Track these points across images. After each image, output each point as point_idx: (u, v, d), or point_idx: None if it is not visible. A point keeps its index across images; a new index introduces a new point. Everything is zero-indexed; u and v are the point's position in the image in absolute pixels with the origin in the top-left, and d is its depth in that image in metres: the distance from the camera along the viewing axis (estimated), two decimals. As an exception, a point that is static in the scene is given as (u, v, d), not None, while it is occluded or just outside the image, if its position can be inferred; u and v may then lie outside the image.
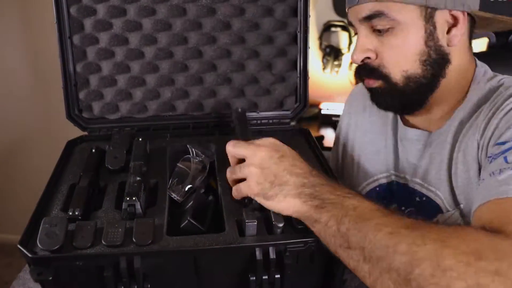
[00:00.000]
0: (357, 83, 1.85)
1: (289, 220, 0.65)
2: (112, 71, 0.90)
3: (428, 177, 0.75)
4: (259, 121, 0.97)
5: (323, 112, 1.87)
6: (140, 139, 0.84)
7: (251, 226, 0.63)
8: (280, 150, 0.65)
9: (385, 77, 0.71)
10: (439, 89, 0.72)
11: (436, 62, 0.69)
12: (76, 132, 0.92)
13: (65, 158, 0.83)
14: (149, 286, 0.61)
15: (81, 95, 0.90)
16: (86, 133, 0.92)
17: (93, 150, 0.84)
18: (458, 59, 0.72)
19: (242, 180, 0.66)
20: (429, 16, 0.67)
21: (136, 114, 0.93)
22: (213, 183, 0.83)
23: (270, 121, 0.98)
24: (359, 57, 0.72)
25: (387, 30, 0.68)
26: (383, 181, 0.84)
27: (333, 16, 1.86)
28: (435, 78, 0.71)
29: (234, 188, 0.68)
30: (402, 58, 0.69)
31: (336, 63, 1.85)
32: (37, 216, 0.66)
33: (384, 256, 0.49)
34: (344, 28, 1.84)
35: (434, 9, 0.67)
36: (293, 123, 0.99)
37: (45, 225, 0.62)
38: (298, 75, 0.96)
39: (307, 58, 0.95)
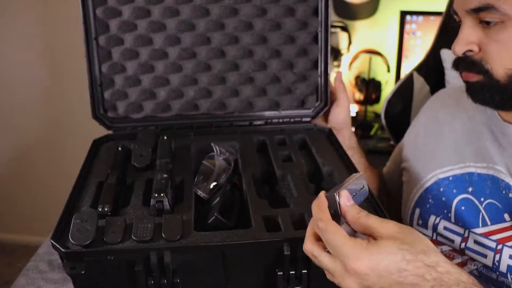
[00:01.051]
0: (356, 83, 1.85)
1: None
2: (137, 71, 0.92)
3: None
4: (280, 120, 0.98)
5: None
6: (165, 138, 0.85)
7: None
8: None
9: (486, 72, 0.67)
10: None
11: None
12: (94, 133, 0.93)
13: (92, 156, 0.85)
14: (178, 280, 0.62)
15: (106, 95, 0.92)
16: (111, 132, 0.94)
17: (119, 148, 0.86)
18: None
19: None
20: None
21: (160, 114, 0.95)
22: (237, 181, 0.84)
23: (292, 119, 0.98)
24: (461, 49, 0.68)
25: (496, 23, 0.64)
26: (457, 172, 0.79)
27: (332, 17, 1.85)
28: None
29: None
30: (508, 55, 0.65)
31: (335, 63, 1.84)
32: (67, 212, 0.68)
33: None
34: (344, 28, 1.84)
35: None
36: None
37: (76, 220, 0.63)
38: (319, 74, 0.97)
39: (328, 58, 0.96)
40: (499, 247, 0.71)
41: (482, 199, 0.75)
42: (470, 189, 0.77)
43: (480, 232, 0.73)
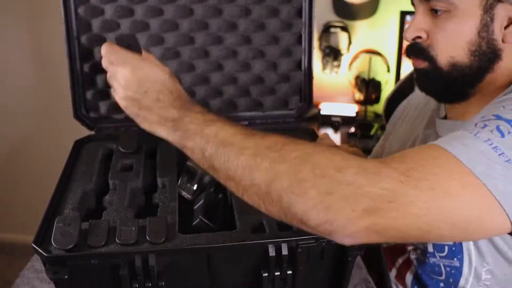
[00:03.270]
0: (356, 83, 1.88)
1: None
2: (119, 71, 0.91)
3: None
4: (264, 121, 0.98)
5: (322, 112, 1.88)
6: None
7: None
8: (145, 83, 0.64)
9: (431, 59, 0.70)
10: (482, 83, 0.70)
11: (486, 55, 0.67)
12: (79, 132, 0.92)
13: (73, 157, 0.84)
14: (163, 283, 0.61)
15: (88, 94, 0.91)
16: (93, 132, 0.92)
17: (102, 150, 0.85)
18: (509, 57, 0.68)
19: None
20: (489, 6, 0.65)
21: (143, 114, 0.94)
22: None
23: (275, 120, 0.99)
24: (412, 35, 0.71)
25: (444, 12, 0.67)
26: None
27: (332, 17, 1.87)
28: (480, 71, 0.69)
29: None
30: (451, 44, 0.68)
31: (335, 63, 1.86)
32: (49, 215, 0.67)
33: (247, 174, 0.54)
34: (344, 28, 1.85)
35: (497, 1, 0.65)
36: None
37: (59, 224, 0.62)
38: (303, 75, 0.97)
39: (312, 58, 0.97)
40: None
41: None
42: None
43: None
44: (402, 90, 1.29)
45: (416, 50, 0.72)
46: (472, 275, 0.73)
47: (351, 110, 1.89)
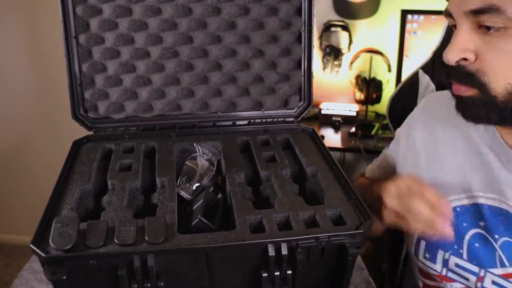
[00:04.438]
0: (356, 82, 1.87)
1: (297, 215, 0.66)
2: (118, 70, 0.90)
3: None
4: (263, 120, 0.98)
5: (323, 112, 1.88)
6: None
7: None
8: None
9: (482, 86, 0.58)
10: None
11: None
12: (78, 132, 0.92)
13: (72, 157, 0.83)
14: (162, 284, 0.61)
15: (87, 94, 0.90)
16: (91, 132, 0.92)
17: (100, 150, 0.84)
18: None
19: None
20: None
21: (142, 114, 0.93)
22: (220, 182, 0.84)
23: (275, 119, 0.98)
24: (455, 57, 0.59)
25: (498, 29, 0.55)
26: (465, 202, 0.71)
27: (333, 16, 1.86)
28: None
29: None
30: (510, 68, 0.56)
31: (336, 63, 1.85)
32: (47, 216, 0.66)
33: None
34: (344, 28, 1.85)
35: None
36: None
37: (57, 224, 0.62)
38: (303, 74, 0.97)
39: (311, 57, 0.96)
40: None
41: (496, 236, 0.68)
42: (482, 224, 0.69)
43: (498, 273, 0.68)
44: (406, 90, 1.28)
45: (461, 74, 0.60)
46: None
47: (351, 109, 1.89)
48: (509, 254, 0.67)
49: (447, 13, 0.62)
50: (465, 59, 0.59)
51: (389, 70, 1.87)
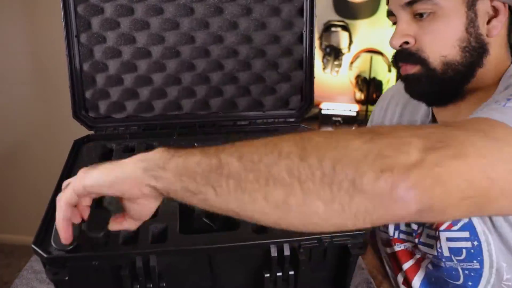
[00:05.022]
0: (357, 82, 1.87)
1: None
2: (119, 70, 0.90)
3: None
4: (264, 120, 0.98)
5: (323, 112, 1.88)
6: None
7: None
8: None
9: (423, 62, 0.69)
10: (474, 79, 0.70)
11: (475, 50, 0.68)
12: (79, 132, 0.91)
13: (73, 157, 0.83)
14: (164, 284, 0.61)
15: (88, 94, 0.90)
16: (92, 132, 0.92)
17: (101, 150, 0.84)
18: (496, 51, 0.70)
19: None
20: (471, 3, 0.67)
21: (143, 113, 0.93)
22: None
23: (276, 120, 0.98)
24: (398, 42, 0.70)
25: (429, 14, 0.67)
26: None
27: (333, 16, 1.87)
28: (472, 67, 0.69)
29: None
30: (442, 43, 0.68)
31: (336, 63, 1.86)
32: (49, 215, 0.66)
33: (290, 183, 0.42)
34: (344, 28, 1.85)
35: None
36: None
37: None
38: (304, 74, 0.97)
39: (313, 58, 0.96)
40: (437, 233, 0.74)
41: None
42: None
43: (428, 225, 0.76)
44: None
45: (405, 55, 0.71)
46: (493, 276, 0.72)
47: (352, 109, 1.89)
48: None
49: (388, 13, 0.73)
50: (407, 42, 0.70)
51: (389, 70, 1.87)
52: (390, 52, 1.97)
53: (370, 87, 1.84)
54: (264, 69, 0.95)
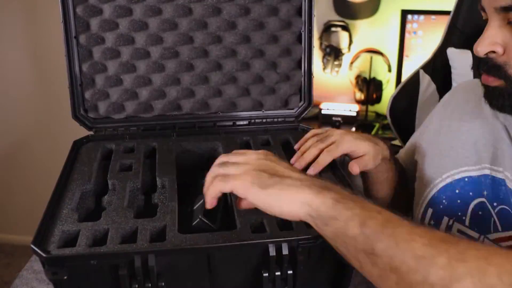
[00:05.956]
0: (357, 82, 1.87)
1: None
2: (118, 70, 0.91)
3: None
4: (264, 120, 0.98)
5: (323, 112, 1.88)
6: None
7: None
8: (268, 156, 0.61)
9: (508, 78, 0.63)
10: None
11: None
12: (79, 132, 0.92)
13: (72, 158, 0.83)
14: (163, 284, 0.61)
15: (87, 95, 0.90)
16: (92, 132, 0.92)
17: (101, 150, 0.84)
18: None
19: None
20: None
21: (142, 114, 0.93)
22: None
23: (275, 119, 0.98)
24: (484, 49, 0.63)
25: None
26: (474, 173, 0.75)
27: (333, 16, 1.87)
28: None
29: (214, 182, 0.58)
30: None
31: (336, 63, 1.86)
32: (48, 216, 0.66)
33: (418, 268, 0.45)
34: (344, 28, 1.85)
35: None
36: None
37: (58, 224, 0.62)
38: (303, 74, 0.97)
39: (312, 57, 0.96)
40: None
41: (495, 204, 0.71)
42: (485, 193, 0.73)
43: (492, 238, 0.71)
44: (407, 90, 1.29)
45: (490, 66, 0.64)
46: None
47: (352, 109, 1.89)
48: (502, 220, 0.70)
49: (481, 8, 0.65)
50: (494, 52, 0.63)
51: (389, 70, 1.87)
52: (390, 52, 1.98)
53: (370, 87, 1.84)
54: (263, 69, 0.95)
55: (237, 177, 0.56)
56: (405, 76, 1.27)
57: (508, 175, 0.70)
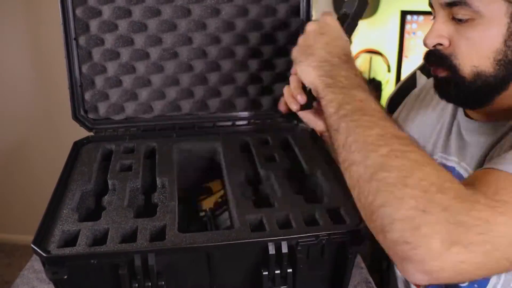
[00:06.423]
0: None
1: (297, 214, 0.67)
2: (118, 71, 0.91)
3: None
4: (262, 120, 0.98)
5: (322, 112, 1.88)
6: None
7: None
8: (324, 27, 0.73)
9: (453, 68, 0.67)
10: (506, 92, 0.67)
11: (511, 64, 0.64)
12: (79, 133, 0.92)
13: (72, 158, 0.84)
14: (162, 283, 0.61)
15: (87, 96, 0.91)
16: (92, 133, 0.92)
17: (101, 151, 0.85)
18: None
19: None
20: None
21: (142, 115, 0.94)
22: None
23: (274, 119, 0.98)
24: (432, 42, 0.68)
25: (467, 20, 0.63)
26: None
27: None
28: (505, 80, 0.66)
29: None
30: (476, 53, 0.65)
31: (335, 63, 1.86)
32: (48, 215, 0.66)
33: (362, 149, 0.53)
34: (344, 28, 1.85)
35: None
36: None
37: (58, 224, 0.62)
38: (301, 74, 0.97)
39: (309, 58, 0.96)
40: None
41: None
42: None
43: None
44: (405, 89, 1.28)
45: (437, 57, 0.69)
46: (501, 282, 0.69)
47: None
48: None
49: (429, 5, 0.71)
50: (441, 44, 0.68)
51: (389, 71, 1.87)
52: (389, 53, 1.98)
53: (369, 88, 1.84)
54: (261, 69, 0.96)
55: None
56: (404, 77, 1.27)
57: (455, 159, 0.77)
